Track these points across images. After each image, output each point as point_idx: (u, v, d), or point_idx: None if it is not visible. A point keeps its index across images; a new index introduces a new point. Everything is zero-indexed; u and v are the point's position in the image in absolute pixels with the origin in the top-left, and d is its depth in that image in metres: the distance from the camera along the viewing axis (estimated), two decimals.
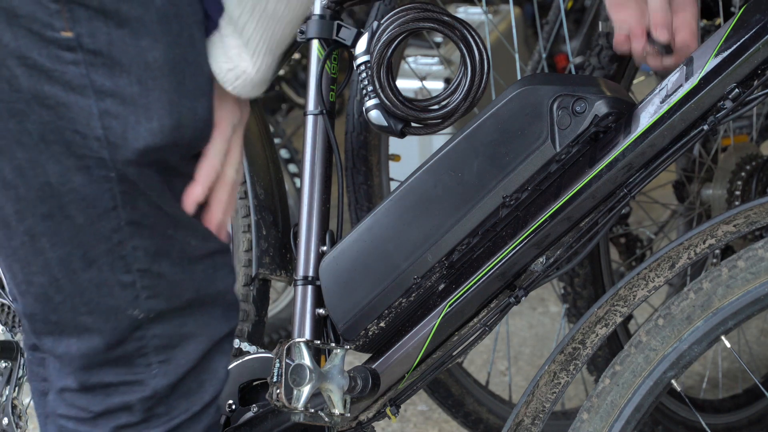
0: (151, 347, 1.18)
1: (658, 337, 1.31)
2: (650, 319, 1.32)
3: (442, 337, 1.41)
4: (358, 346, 1.43)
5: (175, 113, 1.09)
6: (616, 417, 1.32)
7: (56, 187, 1.10)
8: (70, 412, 1.20)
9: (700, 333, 1.29)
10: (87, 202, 1.11)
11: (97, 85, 1.07)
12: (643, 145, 1.32)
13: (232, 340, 1.25)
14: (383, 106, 1.45)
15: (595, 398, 1.33)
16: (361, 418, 1.45)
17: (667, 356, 1.31)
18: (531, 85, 1.37)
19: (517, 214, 1.38)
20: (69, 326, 1.16)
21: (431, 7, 1.45)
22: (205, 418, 1.23)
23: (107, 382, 1.17)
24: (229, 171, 1.20)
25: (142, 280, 1.15)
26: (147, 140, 1.09)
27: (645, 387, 1.32)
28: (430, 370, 1.42)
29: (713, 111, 1.31)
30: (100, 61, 1.07)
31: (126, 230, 1.13)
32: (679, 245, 1.36)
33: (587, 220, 1.36)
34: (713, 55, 1.30)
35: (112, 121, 1.08)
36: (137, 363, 1.18)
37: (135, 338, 1.16)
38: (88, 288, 1.14)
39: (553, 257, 1.38)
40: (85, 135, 1.08)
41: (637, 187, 1.34)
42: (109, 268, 1.14)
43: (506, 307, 1.39)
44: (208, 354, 1.21)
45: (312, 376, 1.32)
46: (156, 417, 1.19)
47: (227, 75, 1.14)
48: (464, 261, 1.40)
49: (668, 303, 1.31)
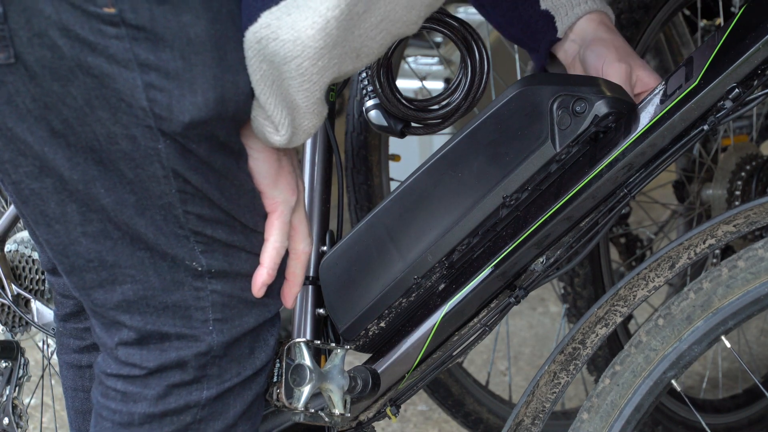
0: (210, 302, 1.18)
1: (658, 337, 1.31)
2: (650, 319, 1.32)
3: (443, 337, 1.41)
4: (359, 346, 1.43)
5: (218, 87, 1.11)
6: (616, 417, 1.32)
7: (105, 144, 1.11)
8: (121, 371, 1.20)
9: (700, 333, 1.29)
10: (136, 164, 1.12)
11: (141, 58, 1.08)
12: (643, 145, 1.32)
13: (279, 317, 1.25)
14: (383, 106, 1.45)
15: (595, 398, 1.33)
16: (362, 418, 1.45)
17: (667, 356, 1.31)
18: (531, 85, 1.37)
19: (517, 214, 1.38)
20: (124, 271, 1.16)
21: None
22: (255, 385, 1.24)
23: (164, 332, 1.18)
24: (300, 246, 1.25)
25: (196, 238, 1.16)
26: (192, 113, 1.10)
27: (645, 387, 1.32)
28: (430, 370, 1.42)
29: (713, 111, 1.31)
30: (143, 36, 1.07)
31: (177, 196, 1.14)
32: (679, 245, 1.36)
33: (587, 220, 1.36)
34: (714, 54, 1.30)
35: (157, 94, 1.09)
36: (195, 316, 1.18)
37: (194, 287, 1.17)
38: (143, 233, 1.14)
39: (553, 257, 1.38)
40: (130, 104, 1.09)
41: (637, 187, 1.34)
42: (163, 219, 1.14)
43: (506, 307, 1.39)
44: (262, 324, 1.22)
45: (312, 376, 1.32)
46: (208, 378, 1.20)
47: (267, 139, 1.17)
48: (464, 261, 1.40)
49: (668, 303, 1.31)
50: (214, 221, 1.16)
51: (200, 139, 1.12)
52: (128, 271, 1.16)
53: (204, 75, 1.10)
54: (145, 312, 1.18)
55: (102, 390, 1.22)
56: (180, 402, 1.19)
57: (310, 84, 1.12)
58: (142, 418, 1.19)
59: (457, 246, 1.39)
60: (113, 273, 1.17)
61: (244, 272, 1.20)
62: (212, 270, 1.17)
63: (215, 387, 1.20)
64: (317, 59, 1.11)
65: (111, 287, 1.17)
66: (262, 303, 1.22)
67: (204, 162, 1.13)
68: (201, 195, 1.14)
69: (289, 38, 1.10)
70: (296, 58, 1.10)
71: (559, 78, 1.40)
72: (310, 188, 1.52)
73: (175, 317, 1.18)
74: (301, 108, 1.15)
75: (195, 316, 1.18)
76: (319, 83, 1.13)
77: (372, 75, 1.45)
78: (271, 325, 1.24)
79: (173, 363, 1.19)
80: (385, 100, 1.45)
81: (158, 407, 1.19)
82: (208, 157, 1.13)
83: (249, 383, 1.23)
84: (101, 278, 1.17)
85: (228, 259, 1.18)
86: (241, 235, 1.19)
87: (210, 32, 1.10)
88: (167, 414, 1.19)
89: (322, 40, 1.09)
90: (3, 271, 1.80)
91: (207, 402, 1.20)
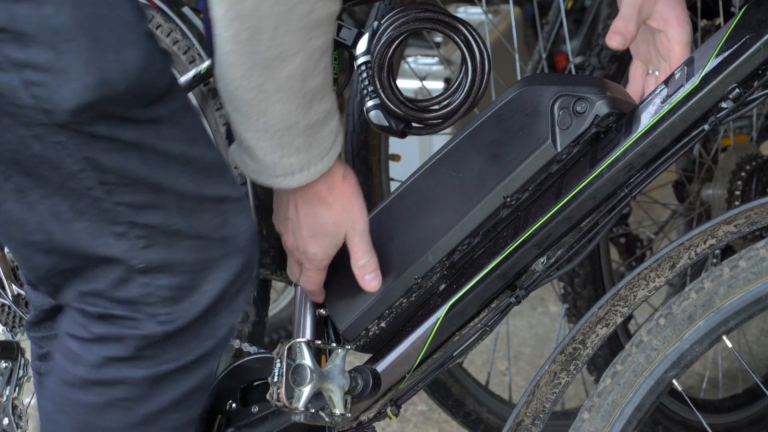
0: (159, 297, 1.21)
1: (659, 336, 1.31)
2: (651, 318, 1.32)
3: (443, 338, 1.40)
4: (359, 346, 1.43)
5: (96, 69, 1.12)
6: (617, 416, 1.32)
7: (22, 152, 1.14)
8: (73, 330, 1.23)
9: (701, 332, 1.29)
10: (53, 165, 1.15)
11: (13, 58, 1.10)
12: (644, 145, 1.31)
13: (242, 297, 1.26)
14: (384, 106, 1.45)
15: (596, 398, 1.33)
16: (362, 419, 1.45)
17: (668, 356, 1.31)
18: (531, 85, 1.37)
19: (518, 214, 1.38)
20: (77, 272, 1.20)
21: (432, 7, 1.45)
22: (195, 376, 1.25)
23: (115, 314, 1.21)
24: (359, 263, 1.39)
25: (134, 231, 1.18)
26: (74, 100, 1.11)
27: (646, 386, 1.31)
28: (431, 371, 1.42)
29: (714, 111, 1.31)
30: (8, 36, 1.10)
31: (101, 188, 1.16)
32: (679, 245, 1.36)
33: (588, 220, 1.36)
34: (714, 55, 1.30)
35: (37, 90, 1.11)
36: (144, 310, 1.21)
37: (141, 284, 1.20)
38: (83, 238, 1.18)
39: (554, 257, 1.38)
40: (19, 105, 1.11)
41: (637, 188, 1.34)
42: (99, 218, 1.17)
43: (507, 307, 1.39)
44: (212, 307, 1.23)
45: (313, 376, 1.31)
46: (145, 358, 1.22)
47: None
48: (465, 261, 1.40)
49: (669, 303, 1.31)
50: (147, 206, 1.18)
51: (96, 121, 1.13)
52: (77, 278, 1.21)
53: (77, 61, 1.11)
54: (98, 303, 1.21)
55: (57, 345, 1.26)
56: (115, 375, 1.22)
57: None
58: (79, 381, 1.23)
59: (458, 246, 1.39)
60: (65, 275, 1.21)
61: (190, 261, 1.21)
62: (156, 265, 1.20)
63: (152, 368, 1.22)
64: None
65: (69, 285, 1.22)
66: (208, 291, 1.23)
67: (112, 140, 1.15)
68: (124, 179, 1.16)
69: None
70: None
71: (559, 78, 1.40)
72: None
73: (124, 308, 1.21)
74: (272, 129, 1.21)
75: (144, 309, 1.21)
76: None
77: (373, 75, 1.44)
78: (225, 310, 1.25)
79: (114, 337, 1.21)
80: (386, 101, 1.44)
81: (94, 374, 1.23)
82: (113, 135, 1.15)
83: (189, 371, 1.24)
84: (56, 282, 1.23)
85: (171, 250, 1.20)
86: (178, 217, 1.20)
87: (76, 18, 1.11)
88: (101, 384, 1.23)
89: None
90: (3, 271, 1.80)
91: (141, 381, 1.23)
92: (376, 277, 1.38)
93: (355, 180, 1.35)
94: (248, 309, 1.58)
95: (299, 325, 1.46)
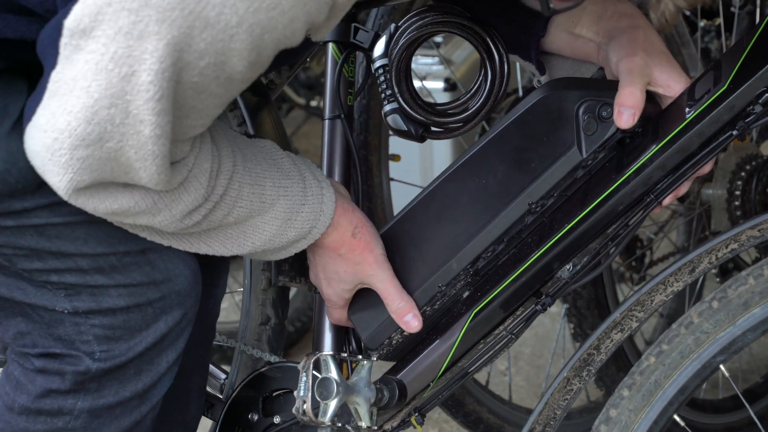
0: (92, 335, 1.24)
1: (711, 319, 1.28)
2: (704, 300, 1.29)
3: (467, 346, 1.38)
4: (382, 354, 1.40)
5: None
6: (659, 396, 1.29)
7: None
8: (19, 359, 1.27)
9: (756, 320, 1.26)
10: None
11: None
12: (672, 150, 1.29)
13: (181, 334, 1.28)
14: (402, 110, 1.43)
15: (638, 376, 1.30)
16: (386, 428, 1.43)
17: (718, 340, 1.27)
18: (555, 90, 1.35)
19: (542, 221, 1.36)
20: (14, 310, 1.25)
21: (450, 9, 1.42)
22: (136, 411, 1.28)
23: (54, 353, 1.25)
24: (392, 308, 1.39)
25: (52, 287, 1.22)
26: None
27: (692, 368, 1.28)
28: (456, 379, 1.40)
29: (742, 116, 1.29)
30: None
31: (1, 258, 1.20)
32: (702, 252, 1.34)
33: (614, 226, 1.34)
34: (742, 58, 1.28)
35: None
36: (80, 347, 1.24)
37: (73, 323, 1.23)
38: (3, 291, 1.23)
39: (580, 264, 1.36)
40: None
41: (664, 193, 1.32)
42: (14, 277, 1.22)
43: (533, 314, 1.37)
44: (154, 347, 1.26)
45: (339, 389, 1.29)
46: (85, 391, 1.25)
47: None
48: (489, 268, 1.38)
49: (724, 286, 1.28)
50: (57, 270, 1.21)
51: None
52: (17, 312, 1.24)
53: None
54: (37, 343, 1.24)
55: (6, 369, 1.29)
56: (54, 405, 1.25)
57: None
58: (21, 408, 1.26)
59: (482, 253, 1.37)
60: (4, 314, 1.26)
61: (120, 307, 1.24)
62: (81, 311, 1.23)
63: (90, 400, 1.26)
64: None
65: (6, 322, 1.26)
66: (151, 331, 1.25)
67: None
68: (23, 251, 1.20)
69: None
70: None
71: (584, 82, 1.38)
72: None
73: (62, 346, 1.24)
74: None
75: (80, 347, 1.24)
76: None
77: (391, 79, 1.42)
78: (167, 348, 1.27)
79: (54, 371, 1.24)
80: (404, 105, 1.42)
81: (35, 404, 1.26)
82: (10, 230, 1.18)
83: (128, 406, 1.27)
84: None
85: (96, 299, 1.23)
86: (97, 275, 1.22)
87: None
88: (42, 413, 1.26)
89: None
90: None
91: (80, 413, 1.26)
92: (414, 317, 1.37)
93: (371, 235, 1.36)
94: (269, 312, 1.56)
95: (318, 337, 1.44)
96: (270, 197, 1.25)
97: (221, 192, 1.20)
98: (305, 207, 1.28)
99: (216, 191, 1.19)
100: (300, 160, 1.32)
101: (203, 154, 1.17)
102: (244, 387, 1.47)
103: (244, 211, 1.23)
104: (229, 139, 1.23)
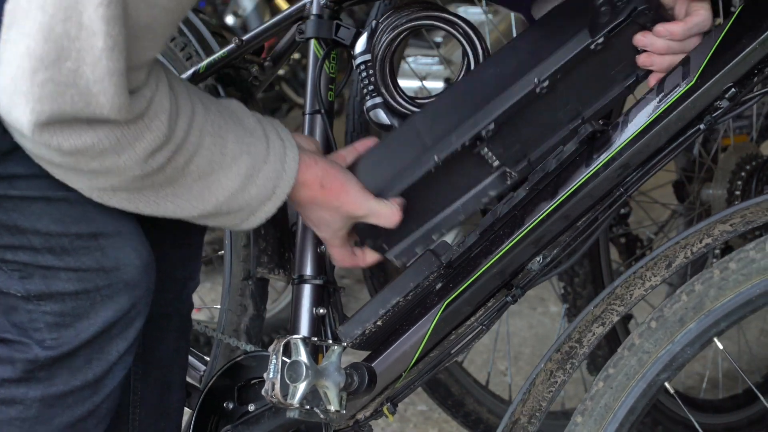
0: (43, 323, 1.25)
1: (650, 339, 1.31)
2: (643, 322, 1.32)
3: (439, 336, 1.40)
4: (355, 344, 1.42)
5: None
6: (610, 419, 1.32)
7: None
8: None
9: (692, 335, 1.29)
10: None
11: None
12: (639, 144, 1.31)
13: (131, 324, 1.29)
14: (386, 104, 1.45)
15: (589, 401, 1.33)
16: (359, 417, 1.45)
17: (660, 358, 1.30)
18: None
19: (514, 213, 1.38)
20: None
21: (430, 4, 1.45)
22: (88, 401, 1.29)
23: (6, 338, 1.26)
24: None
25: (7, 265, 1.23)
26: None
27: (638, 389, 1.31)
28: (428, 369, 1.42)
29: (710, 110, 1.30)
30: None
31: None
32: (675, 244, 1.36)
33: (584, 219, 1.36)
34: (710, 54, 1.30)
35: None
36: (32, 335, 1.25)
37: (26, 310, 1.24)
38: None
39: (550, 256, 1.38)
40: None
41: (633, 187, 1.34)
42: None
43: (503, 306, 1.39)
44: (102, 334, 1.27)
45: (308, 372, 1.31)
46: (36, 380, 1.26)
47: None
48: (462, 260, 1.40)
49: (661, 306, 1.31)
50: (12, 247, 1.22)
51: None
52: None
53: None
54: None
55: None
56: (7, 395, 1.26)
57: None
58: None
59: (484, 128, 1.35)
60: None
61: (69, 292, 1.25)
62: (32, 294, 1.24)
63: (41, 389, 1.26)
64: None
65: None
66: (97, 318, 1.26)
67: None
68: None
69: None
70: None
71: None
72: None
73: (15, 333, 1.25)
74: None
75: (32, 335, 1.25)
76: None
77: (375, 73, 1.44)
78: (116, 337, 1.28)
79: (5, 359, 1.26)
80: (388, 98, 1.44)
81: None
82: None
83: (80, 396, 1.28)
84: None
85: (46, 282, 1.24)
86: (48, 255, 1.23)
87: None
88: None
89: None
90: None
91: (32, 402, 1.27)
92: (401, 202, 1.39)
93: (340, 179, 1.36)
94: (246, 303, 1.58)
95: (295, 323, 1.46)
96: (231, 151, 1.25)
97: (182, 135, 1.20)
98: (267, 165, 1.29)
99: (177, 134, 1.20)
100: (266, 120, 1.33)
101: (161, 92, 1.18)
102: (220, 376, 1.50)
103: (205, 161, 1.23)
104: (188, 89, 1.24)
